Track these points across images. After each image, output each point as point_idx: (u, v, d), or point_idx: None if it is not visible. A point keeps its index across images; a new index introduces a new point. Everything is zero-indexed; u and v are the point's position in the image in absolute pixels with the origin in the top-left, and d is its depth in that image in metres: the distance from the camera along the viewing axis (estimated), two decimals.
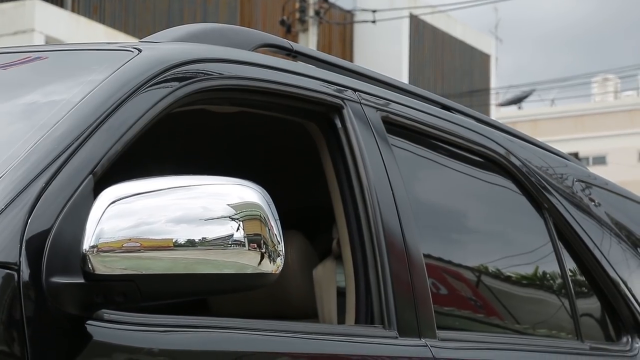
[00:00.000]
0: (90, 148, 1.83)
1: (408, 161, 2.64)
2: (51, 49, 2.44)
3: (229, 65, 2.22)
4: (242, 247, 1.74)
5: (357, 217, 2.39)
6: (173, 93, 2.03)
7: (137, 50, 2.11)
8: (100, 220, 1.71)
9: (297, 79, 2.38)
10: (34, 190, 1.73)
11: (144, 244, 1.71)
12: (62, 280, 1.70)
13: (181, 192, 1.76)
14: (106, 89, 1.95)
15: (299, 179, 3.07)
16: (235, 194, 1.76)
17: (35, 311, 1.67)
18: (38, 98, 2.04)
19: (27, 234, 1.69)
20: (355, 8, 21.47)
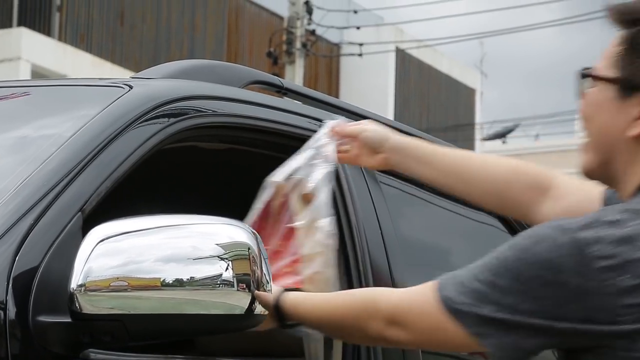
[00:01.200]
0: (80, 184, 1.83)
1: (397, 199, 2.64)
2: (42, 84, 2.43)
3: (220, 102, 2.22)
4: (231, 287, 1.73)
5: (345, 254, 2.38)
6: (164, 130, 2.02)
7: (128, 86, 2.11)
8: (88, 259, 1.70)
9: (286, 117, 2.38)
10: (23, 227, 1.72)
11: (131, 283, 1.70)
12: (49, 319, 1.68)
13: (170, 231, 1.75)
14: (97, 125, 1.94)
15: None
16: (225, 234, 1.76)
17: (21, 350, 1.65)
18: (29, 132, 2.04)
19: (15, 272, 1.68)
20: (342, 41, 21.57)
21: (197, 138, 2.22)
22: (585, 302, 1.45)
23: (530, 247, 1.49)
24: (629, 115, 1.56)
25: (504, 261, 1.52)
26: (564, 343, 1.51)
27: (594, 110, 1.61)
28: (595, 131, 1.62)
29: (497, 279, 1.51)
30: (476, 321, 1.53)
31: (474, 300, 1.53)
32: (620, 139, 1.57)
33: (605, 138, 1.60)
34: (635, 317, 1.44)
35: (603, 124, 1.59)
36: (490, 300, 1.51)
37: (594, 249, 1.45)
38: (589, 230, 1.47)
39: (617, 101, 1.57)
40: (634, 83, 1.55)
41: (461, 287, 1.56)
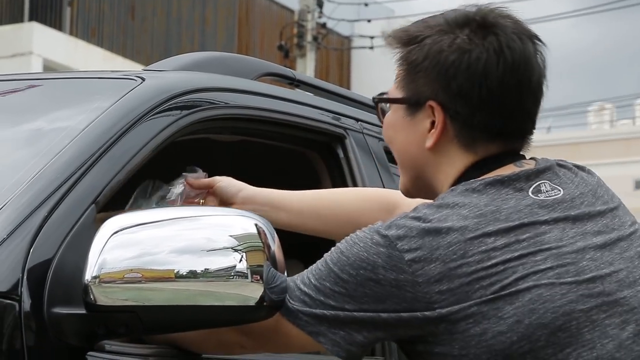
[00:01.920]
0: (93, 177, 1.83)
1: None
2: (55, 77, 2.44)
3: (232, 94, 2.22)
4: (245, 279, 1.73)
5: None
6: (176, 122, 2.02)
7: (140, 78, 2.11)
8: (102, 251, 1.70)
9: (300, 109, 2.38)
10: (37, 219, 1.73)
11: (145, 275, 1.70)
12: (64, 311, 1.69)
13: (184, 223, 1.75)
14: (110, 118, 1.94)
15: None
16: (238, 225, 1.75)
17: (36, 342, 1.66)
18: (42, 125, 2.04)
19: (29, 264, 1.68)
20: (353, 34, 21.56)
21: (209, 130, 2.22)
22: (402, 294, 1.54)
23: (348, 249, 1.60)
24: (421, 129, 1.68)
25: (326, 264, 1.63)
26: (394, 335, 1.61)
27: (393, 132, 1.73)
28: (398, 151, 1.74)
29: (322, 281, 1.63)
30: (309, 321, 1.63)
31: (305, 302, 1.64)
32: (421, 153, 1.69)
33: (408, 155, 1.72)
34: (449, 302, 1.52)
35: (402, 142, 1.72)
36: (318, 301, 1.62)
37: (402, 244, 1.55)
38: (396, 228, 1.58)
39: (409, 119, 1.70)
40: (416, 99, 1.68)
41: (294, 290, 1.67)
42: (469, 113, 1.65)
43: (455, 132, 1.67)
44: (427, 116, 1.68)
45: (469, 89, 1.65)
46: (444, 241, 1.54)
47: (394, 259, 1.55)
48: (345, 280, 1.59)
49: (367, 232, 1.61)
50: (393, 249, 1.55)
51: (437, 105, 1.66)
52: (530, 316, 1.51)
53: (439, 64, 1.66)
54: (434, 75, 1.67)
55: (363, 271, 1.56)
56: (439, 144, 1.68)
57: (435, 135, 1.67)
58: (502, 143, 1.69)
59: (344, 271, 1.59)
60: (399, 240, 1.56)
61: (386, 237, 1.57)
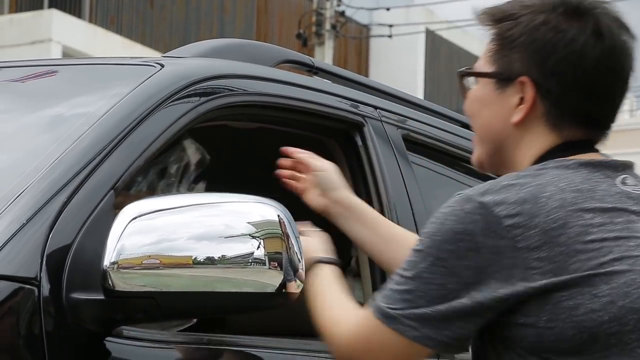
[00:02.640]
0: (112, 163, 1.83)
1: (428, 179, 2.63)
2: (74, 63, 2.44)
3: (251, 81, 2.21)
4: (263, 266, 1.73)
5: None
6: (195, 109, 2.02)
7: (159, 65, 2.11)
8: (121, 237, 1.70)
9: (319, 96, 2.37)
10: (56, 205, 1.73)
11: (163, 261, 1.71)
12: (82, 296, 1.69)
13: (202, 210, 1.75)
14: (129, 104, 1.94)
15: None
16: (257, 212, 1.76)
17: (54, 326, 1.67)
18: (61, 111, 2.04)
19: (48, 249, 1.69)
20: (371, 22, 21.51)
21: (228, 117, 2.22)
22: (501, 260, 1.52)
23: (439, 228, 1.56)
24: (509, 104, 1.68)
25: (418, 252, 1.58)
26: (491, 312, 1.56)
27: (478, 106, 1.72)
28: (481, 125, 1.73)
29: (417, 269, 1.57)
30: (414, 324, 1.57)
31: (407, 300, 1.57)
32: (505, 128, 1.69)
33: (491, 129, 1.71)
34: (547, 270, 1.51)
35: (487, 116, 1.71)
36: (418, 297, 1.56)
37: (500, 210, 1.53)
38: (492, 194, 1.55)
39: (497, 93, 1.69)
40: (508, 74, 1.68)
41: (388, 295, 1.60)
42: (561, 93, 1.65)
43: (544, 110, 1.67)
44: (516, 92, 1.68)
45: (563, 68, 1.65)
46: (543, 209, 1.53)
47: (493, 225, 1.52)
48: (444, 259, 1.54)
49: (455, 205, 1.56)
50: (490, 215, 1.52)
51: (530, 81, 1.66)
52: (624, 299, 1.52)
53: (535, 40, 1.66)
54: (529, 52, 1.67)
55: (462, 243, 1.52)
56: (526, 121, 1.68)
57: (523, 111, 1.67)
58: (586, 130, 1.69)
59: (441, 249, 1.54)
60: (497, 206, 1.53)
61: (482, 203, 1.53)
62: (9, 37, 15.74)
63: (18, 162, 1.88)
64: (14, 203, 1.72)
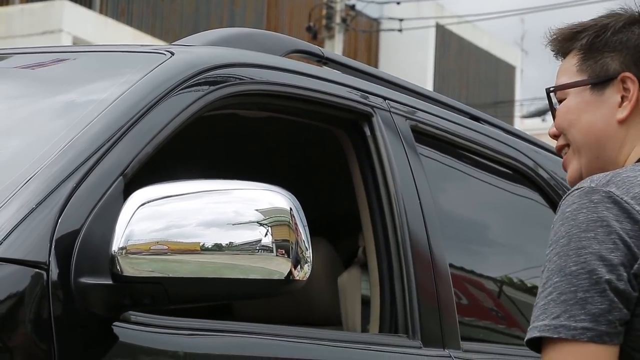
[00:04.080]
0: (121, 149, 1.84)
1: (436, 170, 2.64)
2: (84, 50, 2.45)
3: (261, 70, 2.22)
4: (270, 253, 1.74)
5: (384, 225, 2.38)
6: (204, 97, 2.03)
7: (169, 53, 2.12)
8: (129, 222, 1.71)
9: (328, 86, 2.38)
10: (65, 190, 1.74)
11: (171, 247, 1.72)
12: (91, 281, 1.70)
13: (210, 197, 1.76)
14: (139, 91, 1.95)
15: (326, 185, 3.07)
16: (265, 200, 1.76)
17: (63, 311, 1.68)
18: (71, 97, 2.05)
19: (57, 234, 1.70)
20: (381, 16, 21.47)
21: (237, 105, 2.22)
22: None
23: (573, 222, 1.54)
24: (611, 104, 1.72)
25: (558, 254, 1.53)
26: None
27: (575, 115, 1.74)
28: (581, 131, 1.74)
29: (565, 270, 1.52)
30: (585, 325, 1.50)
31: (565, 306, 1.51)
32: (609, 127, 1.72)
33: (594, 132, 1.73)
34: None
35: (589, 121, 1.73)
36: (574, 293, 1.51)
37: (628, 197, 1.55)
38: (614, 185, 1.57)
39: (595, 97, 1.73)
40: (606, 76, 1.72)
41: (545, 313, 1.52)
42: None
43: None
44: (617, 90, 1.72)
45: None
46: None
47: (625, 211, 1.53)
48: (587, 246, 1.51)
49: (580, 200, 1.55)
50: (621, 202, 1.54)
51: (632, 75, 1.71)
52: None
53: (629, 39, 1.72)
54: (624, 50, 1.72)
55: (600, 229, 1.52)
56: (631, 117, 1.72)
57: (629, 106, 1.71)
58: None
59: (581, 239, 1.52)
60: (624, 194, 1.55)
61: (609, 192, 1.55)
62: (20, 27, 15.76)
63: (28, 147, 1.89)
64: (23, 188, 1.73)
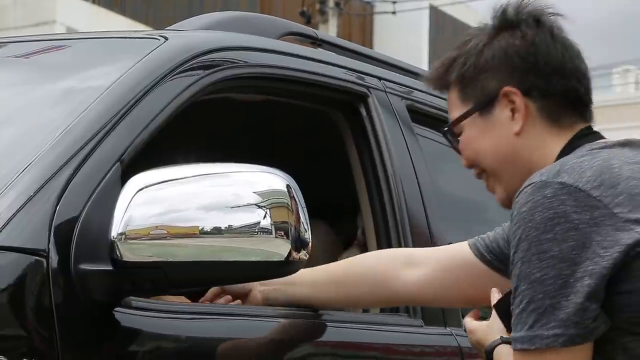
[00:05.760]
0: (118, 135, 1.84)
1: (433, 150, 2.64)
2: (78, 37, 2.44)
3: (255, 53, 2.21)
4: (269, 235, 1.74)
5: (382, 205, 2.38)
6: (199, 81, 2.03)
7: (163, 38, 2.11)
8: (128, 208, 1.71)
9: (323, 68, 2.37)
10: (63, 177, 1.74)
11: (170, 231, 1.72)
12: (91, 267, 1.70)
13: (208, 180, 1.76)
14: (134, 77, 1.95)
15: (323, 167, 3.06)
16: (263, 182, 1.76)
17: (63, 297, 1.68)
18: (66, 84, 2.05)
19: (56, 221, 1.70)
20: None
21: (232, 89, 2.22)
22: (603, 230, 1.50)
23: (530, 223, 1.52)
24: (503, 121, 1.70)
25: (522, 262, 1.53)
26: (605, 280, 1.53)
27: (476, 144, 1.74)
28: (490, 156, 1.73)
29: (531, 275, 1.52)
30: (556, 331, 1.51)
31: (536, 315, 1.51)
32: (510, 144, 1.70)
33: (499, 153, 1.71)
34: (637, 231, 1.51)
35: (490, 145, 1.72)
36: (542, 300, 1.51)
37: (582, 184, 1.53)
38: (565, 174, 1.54)
39: (487, 121, 1.71)
40: (487, 98, 1.71)
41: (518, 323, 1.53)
42: (545, 82, 1.68)
43: (537, 107, 1.69)
44: (504, 106, 1.70)
45: (535, 62, 1.69)
46: (621, 178, 1.54)
47: (582, 199, 1.51)
48: (547, 250, 1.50)
49: (533, 197, 1.53)
50: (576, 191, 1.51)
51: (512, 87, 1.69)
52: None
53: (494, 56, 1.70)
54: (496, 66, 1.70)
55: (558, 227, 1.50)
56: (526, 126, 1.70)
57: (520, 117, 1.69)
58: (579, 112, 1.71)
59: (541, 242, 1.50)
60: (577, 182, 1.52)
61: (562, 183, 1.52)
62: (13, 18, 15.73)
63: (25, 135, 1.89)
64: (21, 176, 1.73)
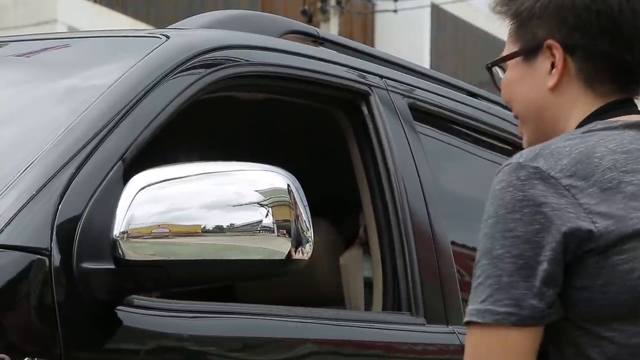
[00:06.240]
0: (120, 134, 1.84)
1: (435, 148, 2.64)
2: (80, 36, 2.45)
3: (257, 52, 2.22)
4: (271, 233, 1.74)
5: (384, 204, 2.38)
6: (201, 79, 2.03)
7: (165, 36, 2.11)
8: (130, 206, 1.71)
9: (324, 66, 2.37)
10: (65, 176, 1.74)
11: (172, 230, 1.72)
12: (93, 266, 1.71)
13: (210, 179, 1.76)
14: (135, 75, 1.95)
15: (325, 165, 3.07)
16: (265, 180, 1.76)
17: (66, 296, 1.68)
18: (68, 83, 2.05)
19: (58, 220, 1.70)
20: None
21: (234, 88, 2.22)
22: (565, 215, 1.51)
23: (500, 202, 1.51)
24: (541, 72, 1.68)
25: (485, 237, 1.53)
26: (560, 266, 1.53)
27: (513, 87, 1.72)
28: (520, 102, 1.71)
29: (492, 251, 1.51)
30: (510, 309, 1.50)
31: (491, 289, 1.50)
32: (542, 97, 1.68)
33: (529, 102, 1.70)
34: (607, 225, 1.51)
35: (523, 92, 1.70)
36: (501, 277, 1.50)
37: (555, 172, 1.53)
38: (542, 158, 1.54)
39: (528, 67, 1.69)
40: (533, 45, 1.68)
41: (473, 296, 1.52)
42: (589, 44, 1.65)
43: (577, 68, 1.66)
44: (546, 58, 1.67)
45: (587, 19, 1.65)
46: (597, 169, 1.53)
47: (552, 186, 1.51)
48: (513, 229, 1.50)
49: (508, 177, 1.52)
50: (548, 177, 1.51)
51: (555, 42, 1.66)
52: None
53: (550, 2, 1.66)
54: (548, 15, 1.67)
55: (527, 209, 1.49)
56: (561, 84, 1.67)
57: (557, 73, 1.66)
58: (624, 84, 1.67)
59: (507, 221, 1.50)
60: (551, 168, 1.52)
61: (536, 168, 1.52)
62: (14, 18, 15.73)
63: (27, 134, 1.90)
64: (23, 174, 1.73)
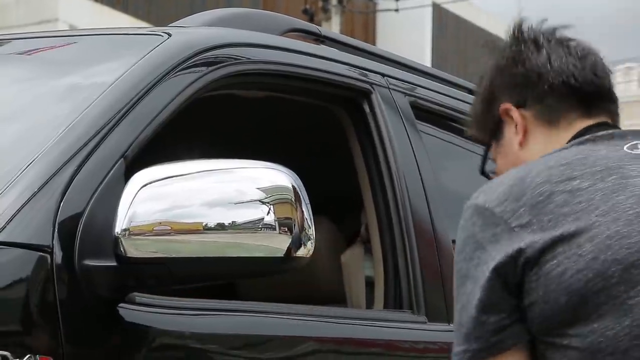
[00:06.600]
0: (121, 131, 1.84)
1: (436, 146, 2.64)
2: (82, 34, 2.45)
3: (258, 49, 2.22)
4: (273, 231, 1.74)
5: (386, 202, 2.38)
6: (203, 77, 2.03)
7: (166, 34, 2.12)
8: (132, 204, 1.72)
9: (326, 64, 2.37)
10: (67, 173, 1.74)
11: (174, 228, 1.72)
12: (95, 263, 1.71)
13: (212, 176, 1.76)
14: (137, 73, 1.95)
15: (327, 163, 3.07)
16: (267, 178, 1.76)
17: (68, 293, 1.68)
18: (70, 81, 2.05)
19: (60, 217, 1.70)
20: None
21: (235, 86, 2.22)
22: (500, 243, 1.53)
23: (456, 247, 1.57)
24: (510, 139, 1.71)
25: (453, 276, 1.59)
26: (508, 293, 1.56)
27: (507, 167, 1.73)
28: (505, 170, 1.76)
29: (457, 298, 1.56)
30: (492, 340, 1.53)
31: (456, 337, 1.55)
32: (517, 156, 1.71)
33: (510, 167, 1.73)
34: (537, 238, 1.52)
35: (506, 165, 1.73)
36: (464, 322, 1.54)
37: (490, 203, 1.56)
38: (483, 194, 1.58)
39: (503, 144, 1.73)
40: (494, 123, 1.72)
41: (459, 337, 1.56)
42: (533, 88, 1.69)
43: (534, 114, 1.70)
44: (509, 125, 1.72)
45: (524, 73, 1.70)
46: (529, 187, 1.56)
47: (488, 218, 1.54)
48: (461, 269, 1.56)
49: (461, 219, 1.58)
50: (484, 211, 1.55)
51: (506, 103, 1.70)
52: (606, 252, 1.52)
53: (488, 82, 1.73)
54: (491, 91, 1.73)
55: (468, 247, 1.55)
56: (528, 136, 1.71)
57: (521, 129, 1.70)
58: (585, 109, 1.70)
59: (457, 262, 1.57)
60: (488, 201, 1.56)
61: (476, 205, 1.57)
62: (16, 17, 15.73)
63: (29, 131, 1.90)
64: (25, 172, 1.74)
